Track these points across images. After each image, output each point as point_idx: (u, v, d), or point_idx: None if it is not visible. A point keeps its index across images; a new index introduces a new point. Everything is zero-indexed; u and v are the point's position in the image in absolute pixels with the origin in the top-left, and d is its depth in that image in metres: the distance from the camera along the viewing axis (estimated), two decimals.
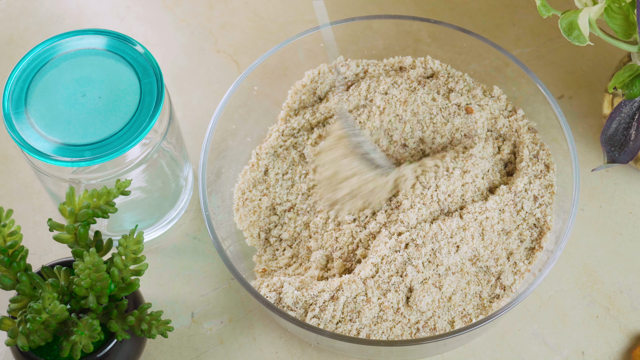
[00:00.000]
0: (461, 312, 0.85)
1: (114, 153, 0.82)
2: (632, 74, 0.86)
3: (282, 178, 0.93)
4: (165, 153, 0.88)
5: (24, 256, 0.81)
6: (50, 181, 0.86)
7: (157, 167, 0.88)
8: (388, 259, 0.85)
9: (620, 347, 0.90)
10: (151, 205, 0.93)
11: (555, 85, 1.03)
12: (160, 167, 0.89)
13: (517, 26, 1.07)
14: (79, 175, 0.85)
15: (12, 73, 0.85)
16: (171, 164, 0.91)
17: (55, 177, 0.85)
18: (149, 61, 0.86)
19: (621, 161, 0.87)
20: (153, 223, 0.94)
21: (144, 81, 0.85)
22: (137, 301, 0.85)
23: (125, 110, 0.84)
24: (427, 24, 0.94)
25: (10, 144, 1.02)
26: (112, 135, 0.83)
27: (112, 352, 0.82)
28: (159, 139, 0.86)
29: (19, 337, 0.79)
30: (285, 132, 0.95)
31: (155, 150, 0.86)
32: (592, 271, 0.94)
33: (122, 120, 0.83)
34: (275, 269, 0.89)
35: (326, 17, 0.88)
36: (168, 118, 0.87)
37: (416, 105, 0.93)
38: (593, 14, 0.82)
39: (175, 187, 0.93)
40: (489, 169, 0.90)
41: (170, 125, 0.88)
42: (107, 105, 0.84)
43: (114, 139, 0.83)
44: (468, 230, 0.86)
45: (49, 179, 0.86)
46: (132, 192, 0.88)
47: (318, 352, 0.91)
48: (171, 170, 0.91)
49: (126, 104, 0.84)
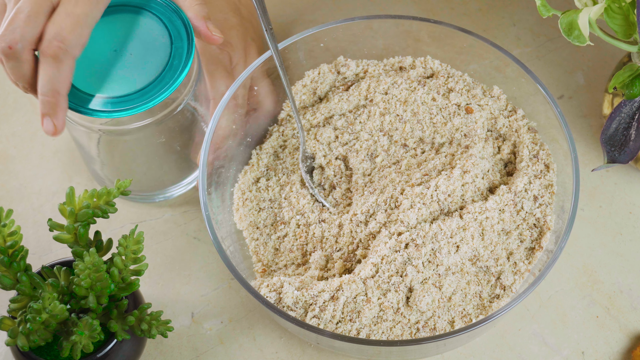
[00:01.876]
0: (461, 312, 0.85)
1: (135, 109, 0.84)
2: (632, 74, 0.86)
3: (282, 178, 0.93)
4: (191, 112, 0.91)
5: (24, 256, 0.81)
6: (81, 132, 0.89)
7: (180, 124, 0.91)
8: (388, 259, 0.85)
9: (620, 347, 0.90)
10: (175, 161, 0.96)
11: (555, 85, 1.03)
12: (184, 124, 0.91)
13: (517, 26, 1.07)
14: (107, 126, 0.87)
15: None
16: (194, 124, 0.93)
17: (86, 127, 0.87)
18: (184, 24, 0.87)
19: (621, 161, 0.87)
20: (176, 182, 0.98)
21: (175, 44, 0.87)
22: (137, 301, 0.85)
23: (154, 69, 0.86)
24: (427, 24, 0.94)
25: (10, 144, 1.02)
26: (137, 92, 0.85)
27: (112, 352, 0.82)
28: (184, 98, 0.88)
29: (19, 337, 0.79)
30: (285, 132, 0.95)
31: (179, 107, 0.88)
32: (592, 271, 0.94)
33: (149, 77, 0.85)
34: (275, 269, 0.89)
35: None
36: (195, 77, 0.89)
37: (416, 105, 0.93)
38: (593, 14, 0.82)
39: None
40: (489, 169, 0.90)
41: (197, 85, 0.90)
42: (136, 62, 0.86)
43: (138, 95, 0.85)
44: (468, 230, 0.86)
45: (81, 129, 0.88)
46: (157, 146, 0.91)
47: (318, 352, 0.91)
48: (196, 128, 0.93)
49: (155, 63, 0.86)
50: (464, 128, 0.92)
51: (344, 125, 0.94)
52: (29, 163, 1.01)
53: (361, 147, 0.93)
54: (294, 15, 1.09)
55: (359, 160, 0.93)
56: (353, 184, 0.93)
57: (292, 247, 0.90)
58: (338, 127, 0.94)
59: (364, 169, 0.93)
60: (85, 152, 0.94)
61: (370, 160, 0.93)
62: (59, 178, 1.00)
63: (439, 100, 0.93)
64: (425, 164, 0.91)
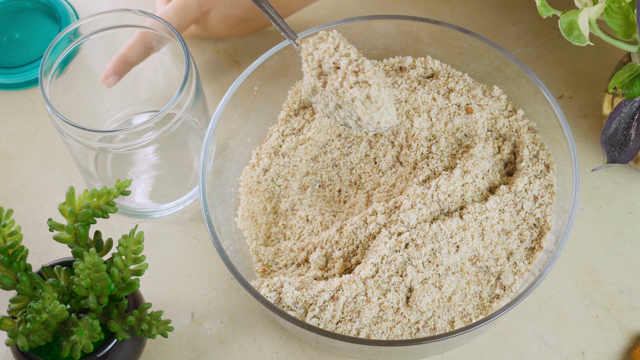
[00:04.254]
0: (461, 312, 0.85)
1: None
2: (632, 74, 0.86)
3: (282, 178, 0.93)
4: (190, 127, 0.91)
5: (24, 256, 0.81)
6: (78, 150, 0.90)
7: (181, 140, 0.91)
8: (388, 259, 0.85)
9: (620, 347, 0.90)
10: (173, 178, 0.96)
11: (555, 85, 1.03)
12: (184, 141, 0.92)
13: (517, 26, 1.07)
14: (106, 144, 0.87)
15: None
16: (196, 139, 0.93)
17: (83, 145, 0.88)
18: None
19: (621, 161, 0.87)
20: (176, 197, 0.97)
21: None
22: (137, 301, 0.85)
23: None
24: (427, 24, 0.94)
25: (10, 144, 1.02)
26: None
27: (112, 352, 0.82)
28: (183, 113, 0.88)
29: (19, 337, 0.79)
30: (285, 132, 0.95)
31: (179, 122, 0.88)
32: (592, 271, 0.94)
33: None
34: (275, 269, 0.89)
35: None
36: (194, 92, 0.89)
37: (416, 105, 0.93)
38: (593, 14, 0.82)
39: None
40: (489, 169, 0.90)
41: (197, 99, 0.90)
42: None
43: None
44: (468, 230, 0.86)
45: (78, 147, 0.89)
46: (154, 164, 0.93)
47: (318, 352, 0.91)
48: (195, 144, 0.94)
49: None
50: (464, 128, 0.92)
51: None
52: (29, 163, 1.01)
53: (359, 147, 0.93)
54: (294, 15, 1.09)
55: (359, 159, 0.93)
56: (352, 184, 0.93)
57: (292, 247, 0.90)
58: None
59: (364, 169, 0.93)
60: (84, 169, 0.94)
61: (369, 160, 0.93)
62: (59, 178, 1.00)
63: (439, 100, 0.93)
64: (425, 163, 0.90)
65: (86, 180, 0.96)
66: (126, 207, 0.96)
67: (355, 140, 0.94)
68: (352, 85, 0.84)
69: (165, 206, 0.97)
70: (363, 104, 0.84)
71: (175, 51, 0.92)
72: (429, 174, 0.89)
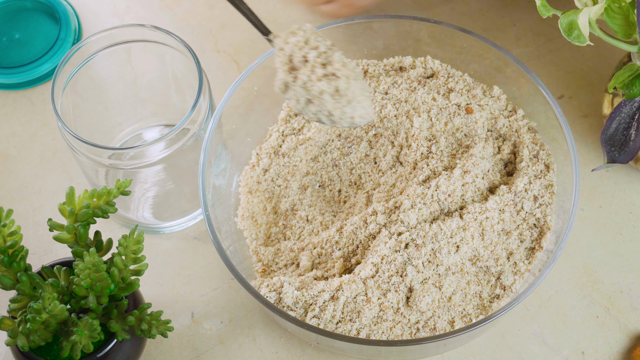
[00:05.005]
0: (461, 312, 0.85)
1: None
2: (632, 74, 0.86)
3: (282, 178, 0.93)
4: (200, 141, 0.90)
5: (24, 256, 0.81)
6: (89, 166, 0.89)
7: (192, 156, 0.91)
8: (388, 259, 0.85)
9: (620, 347, 0.90)
10: (184, 194, 0.95)
11: (555, 85, 1.03)
12: (195, 158, 0.91)
13: (517, 26, 1.07)
14: (115, 161, 0.87)
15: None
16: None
17: (94, 162, 0.87)
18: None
19: (621, 161, 0.87)
20: (188, 213, 0.97)
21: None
22: (137, 301, 0.85)
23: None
24: (427, 24, 0.94)
25: (10, 144, 1.02)
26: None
27: (112, 352, 0.82)
28: (196, 129, 0.88)
29: (19, 337, 0.79)
30: (285, 132, 0.95)
31: (192, 139, 0.88)
32: (592, 271, 0.94)
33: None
34: (275, 269, 0.89)
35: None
36: (207, 108, 0.89)
37: (416, 105, 0.93)
38: (593, 14, 0.82)
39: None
40: (489, 169, 0.90)
41: (210, 115, 0.89)
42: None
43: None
44: (468, 230, 0.86)
45: (88, 163, 0.88)
46: (164, 180, 0.92)
47: (318, 352, 0.91)
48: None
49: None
50: (464, 128, 0.92)
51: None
52: (29, 163, 1.01)
53: (359, 147, 0.93)
54: (294, 15, 1.09)
55: (359, 159, 0.93)
56: (352, 184, 0.93)
57: (292, 247, 0.90)
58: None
59: (364, 169, 0.93)
60: (94, 185, 0.94)
61: (369, 160, 0.93)
62: (59, 178, 1.00)
63: (439, 100, 0.93)
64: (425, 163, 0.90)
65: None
66: (138, 223, 0.96)
67: (355, 140, 0.94)
68: (320, 78, 0.81)
69: (176, 222, 0.97)
70: (332, 98, 0.81)
71: (187, 66, 0.91)
72: (429, 174, 0.89)
